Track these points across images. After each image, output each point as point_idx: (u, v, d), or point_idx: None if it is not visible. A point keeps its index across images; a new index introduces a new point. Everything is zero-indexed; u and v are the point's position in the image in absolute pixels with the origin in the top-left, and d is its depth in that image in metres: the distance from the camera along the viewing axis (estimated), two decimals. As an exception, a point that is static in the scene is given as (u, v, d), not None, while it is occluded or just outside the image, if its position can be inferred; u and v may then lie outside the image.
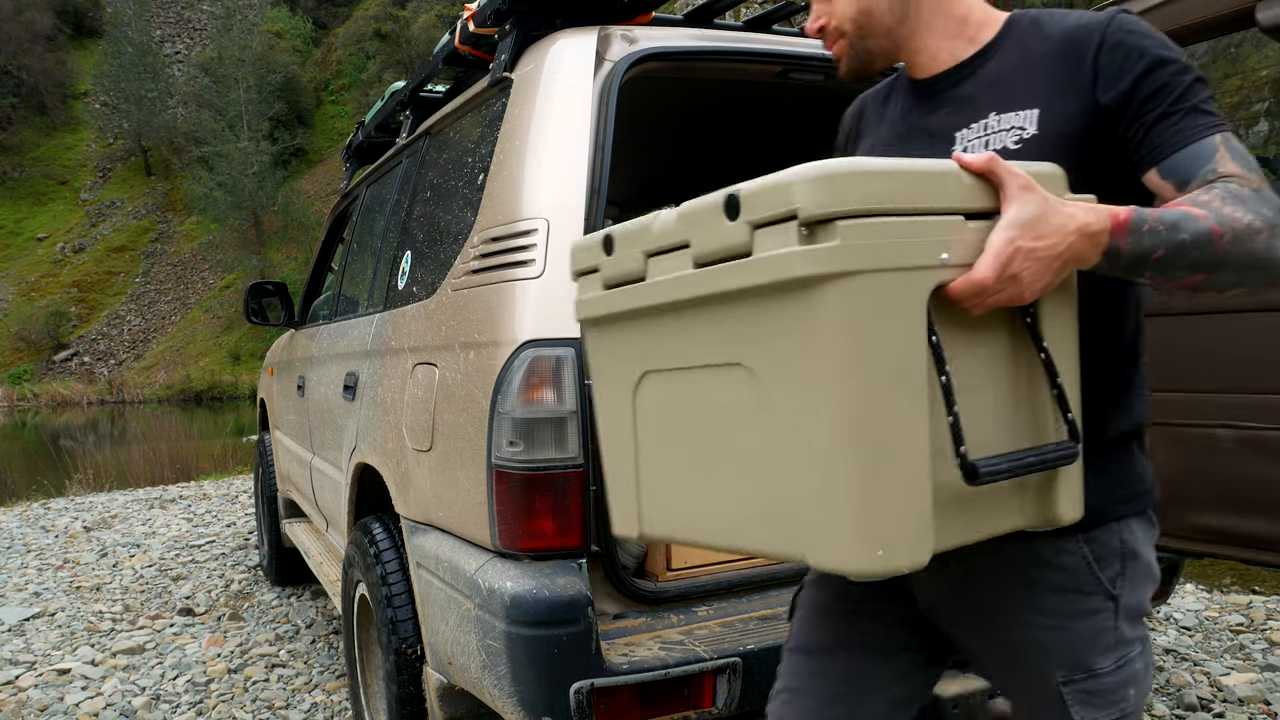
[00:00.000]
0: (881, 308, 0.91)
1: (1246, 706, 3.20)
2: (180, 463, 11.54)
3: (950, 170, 0.99)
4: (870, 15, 1.24)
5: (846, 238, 0.90)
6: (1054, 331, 1.06)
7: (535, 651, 1.82)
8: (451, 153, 2.64)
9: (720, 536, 1.07)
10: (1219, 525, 2.24)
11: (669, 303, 1.07)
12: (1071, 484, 1.09)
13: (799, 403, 0.93)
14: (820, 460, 0.92)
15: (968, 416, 0.98)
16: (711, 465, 1.06)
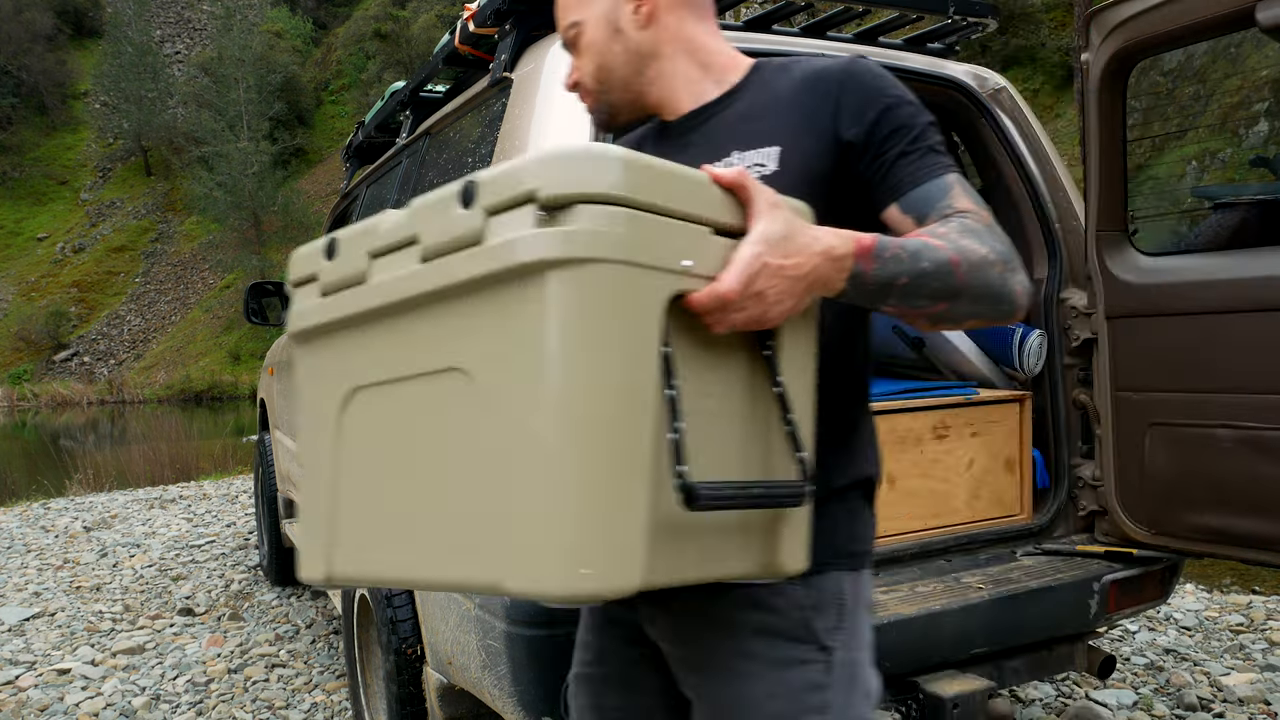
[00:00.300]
0: (614, 304, 0.84)
1: (1246, 706, 3.20)
2: (180, 463, 11.53)
3: (702, 179, 0.96)
4: (607, 71, 1.26)
5: (585, 223, 0.83)
6: (792, 366, 1.03)
7: (535, 651, 1.82)
8: (451, 153, 2.64)
9: (418, 570, 0.96)
10: (1219, 525, 2.24)
11: (385, 305, 0.97)
12: (797, 530, 1.05)
13: (514, 408, 0.85)
14: (531, 471, 0.84)
15: (695, 440, 0.91)
16: (416, 491, 0.95)
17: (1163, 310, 2.31)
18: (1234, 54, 12.78)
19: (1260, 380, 2.13)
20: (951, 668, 2.22)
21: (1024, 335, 2.57)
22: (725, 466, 0.96)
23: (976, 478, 2.53)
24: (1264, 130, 12.02)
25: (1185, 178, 11.96)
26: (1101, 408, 2.46)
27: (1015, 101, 2.69)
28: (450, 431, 0.91)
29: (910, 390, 2.53)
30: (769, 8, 2.62)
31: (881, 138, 1.11)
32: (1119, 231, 2.42)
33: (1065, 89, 16.52)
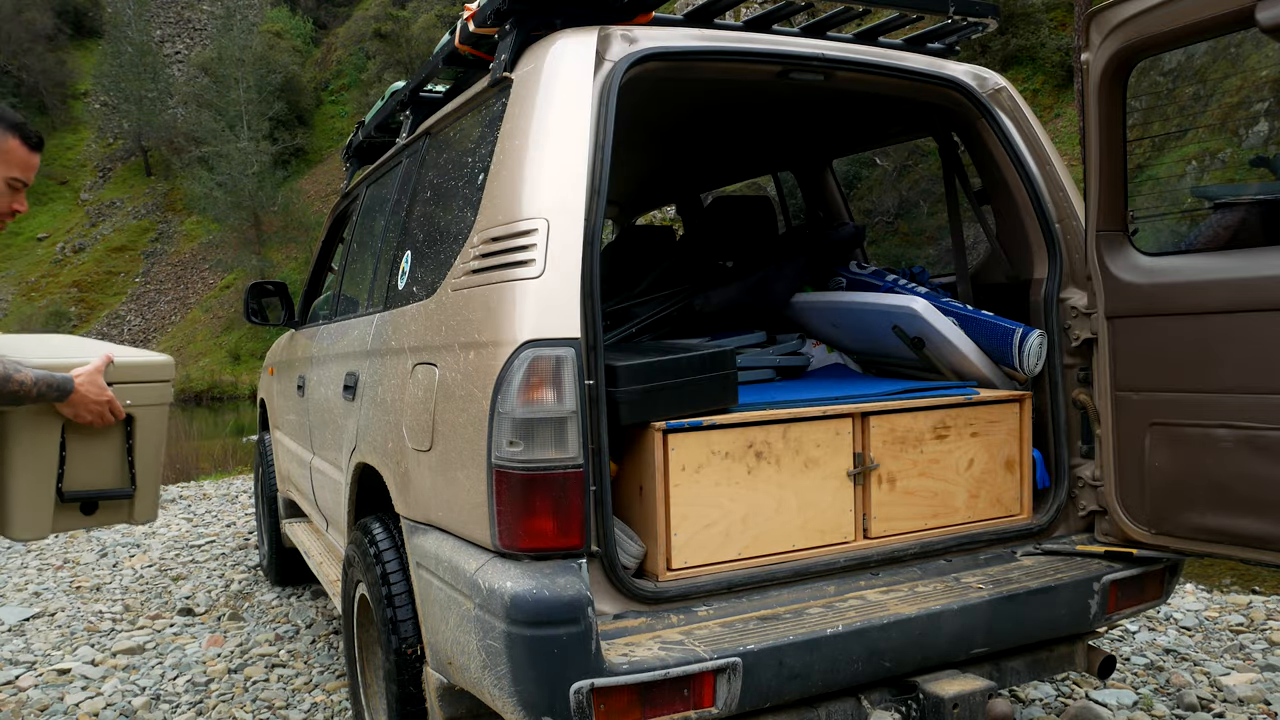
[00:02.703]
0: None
1: (1246, 706, 3.20)
2: (180, 463, 11.53)
3: None
4: None
5: None
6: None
7: (535, 651, 1.82)
8: (451, 153, 2.64)
9: None
10: (1219, 525, 2.24)
11: None
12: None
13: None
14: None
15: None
16: None
17: (1163, 310, 2.31)
18: (1234, 54, 12.77)
19: (1260, 380, 2.13)
20: (951, 668, 2.22)
21: (1024, 335, 2.57)
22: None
23: (976, 478, 2.54)
24: (1264, 130, 12.01)
25: (1185, 178, 11.95)
26: (1101, 408, 2.45)
27: (1015, 101, 2.69)
28: None
29: (910, 390, 2.53)
30: (769, 8, 2.62)
31: None
32: (1119, 231, 2.42)
33: (1065, 89, 16.52)
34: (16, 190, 2.34)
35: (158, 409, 2.58)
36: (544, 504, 1.89)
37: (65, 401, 2.33)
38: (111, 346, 2.68)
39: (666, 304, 3.21)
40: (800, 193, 4.31)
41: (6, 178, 2.29)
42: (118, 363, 2.48)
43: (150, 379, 2.56)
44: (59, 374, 2.31)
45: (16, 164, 2.30)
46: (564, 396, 1.90)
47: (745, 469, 2.23)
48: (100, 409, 2.37)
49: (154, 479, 2.60)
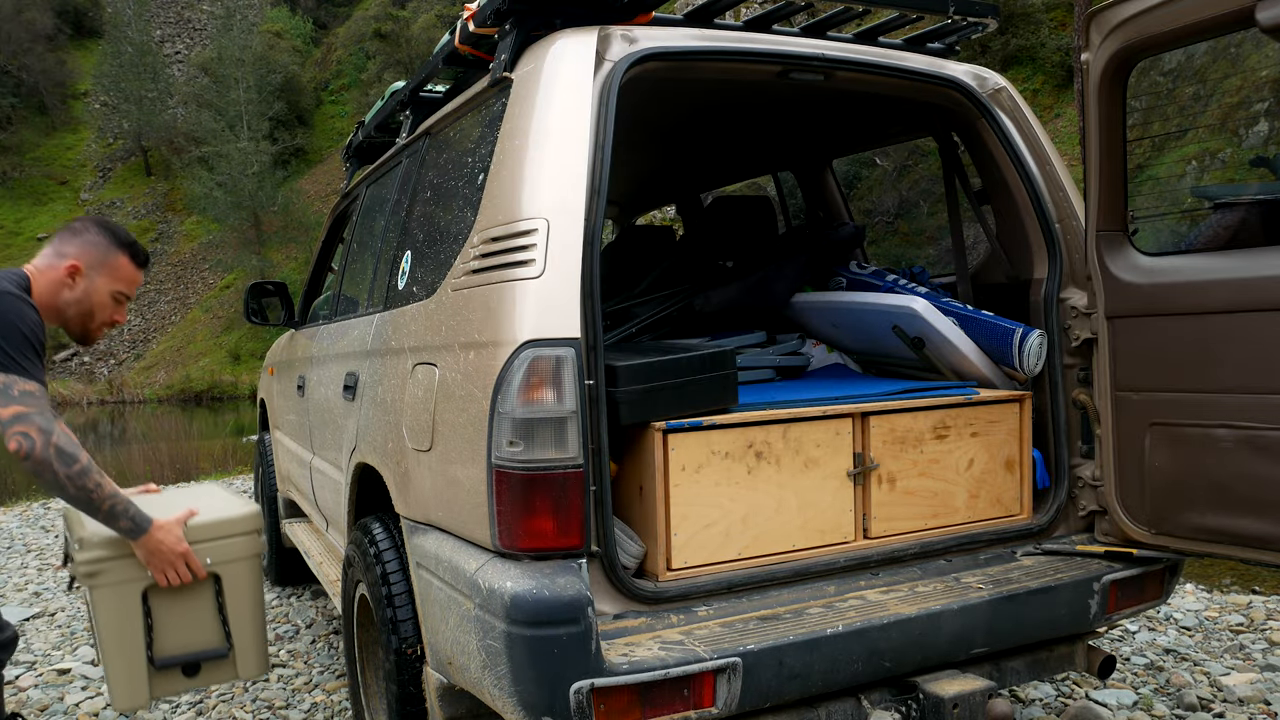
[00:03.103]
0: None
1: (1246, 706, 3.20)
2: (180, 463, 11.53)
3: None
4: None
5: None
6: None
7: (535, 651, 1.82)
8: (451, 153, 2.64)
9: None
10: (1219, 525, 2.24)
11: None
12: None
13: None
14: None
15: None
16: None
17: (1163, 310, 2.31)
18: (1234, 54, 12.77)
19: (1260, 380, 2.13)
20: (951, 668, 2.22)
21: (1024, 335, 2.57)
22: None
23: (976, 478, 2.53)
24: (1264, 130, 12.01)
25: (1185, 178, 11.95)
26: (1101, 408, 2.45)
27: (1015, 101, 2.69)
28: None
29: (910, 390, 2.53)
30: (769, 8, 2.62)
31: None
32: (1119, 231, 2.42)
33: (1065, 89, 16.51)
34: (119, 303, 2.50)
35: (246, 562, 2.51)
36: (544, 504, 1.89)
37: (138, 543, 2.30)
38: (203, 494, 2.67)
39: (666, 304, 3.21)
40: (800, 193, 4.31)
41: (113, 291, 2.47)
42: (195, 524, 2.42)
43: (233, 534, 2.49)
44: (142, 512, 2.29)
45: (123, 279, 2.48)
46: (564, 396, 1.90)
47: (745, 469, 2.23)
48: (174, 561, 2.34)
49: (254, 632, 2.53)
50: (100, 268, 2.44)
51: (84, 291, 2.42)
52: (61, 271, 2.39)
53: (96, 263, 2.44)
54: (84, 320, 2.45)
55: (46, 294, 2.38)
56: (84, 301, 2.43)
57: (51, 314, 2.39)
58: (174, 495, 2.74)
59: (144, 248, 2.54)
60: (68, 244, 2.44)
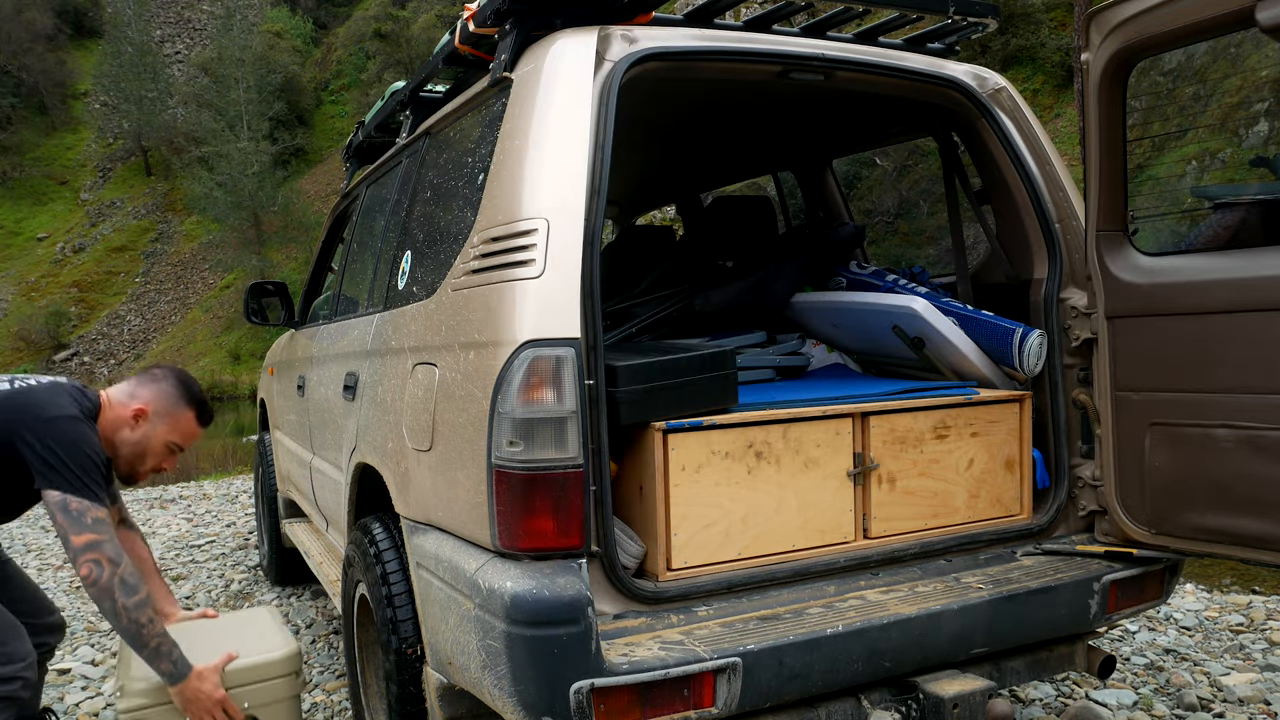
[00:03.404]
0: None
1: (1246, 706, 3.20)
2: (180, 462, 11.51)
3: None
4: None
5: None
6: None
7: (535, 651, 1.82)
8: (451, 153, 2.64)
9: None
10: (1219, 525, 2.24)
11: None
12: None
13: None
14: None
15: None
16: None
17: (1163, 310, 2.31)
18: (1234, 54, 12.77)
19: (1260, 380, 2.13)
20: (951, 668, 2.22)
21: (1024, 335, 2.57)
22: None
23: (976, 478, 2.53)
24: (1264, 130, 12.01)
25: (1185, 178, 11.95)
26: (1101, 408, 2.45)
27: (1015, 101, 2.69)
28: None
29: (910, 390, 2.53)
30: (769, 8, 2.62)
31: None
32: (1119, 231, 2.42)
33: (1065, 89, 16.51)
34: (172, 453, 2.62)
35: (284, 703, 2.55)
36: (544, 504, 1.89)
37: (176, 690, 2.35)
38: (250, 624, 2.71)
39: (666, 304, 3.21)
40: (800, 193, 4.30)
41: (169, 441, 2.59)
42: (234, 669, 2.45)
43: (272, 676, 2.52)
44: (184, 658, 2.35)
45: (183, 433, 2.61)
46: (564, 396, 1.90)
47: (745, 469, 2.23)
48: (212, 709, 2.37)
49: None
50: (165, 417, 2.58)
51: (144, 435, 2.56)
52: (129, 412, 2.54)
53: (164, 412, 2.58)
54: (134, 461, 2.59)
55: (109, 426, 2.52)
56: (140, 444, 2.56)
57: (108, 444, 2.50)
58: (225, 624, 2.79)
59: (211, 409, 2.67)
60: (144, 387, 2.60)
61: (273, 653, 2.56)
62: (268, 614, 2.88)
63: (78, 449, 2.30)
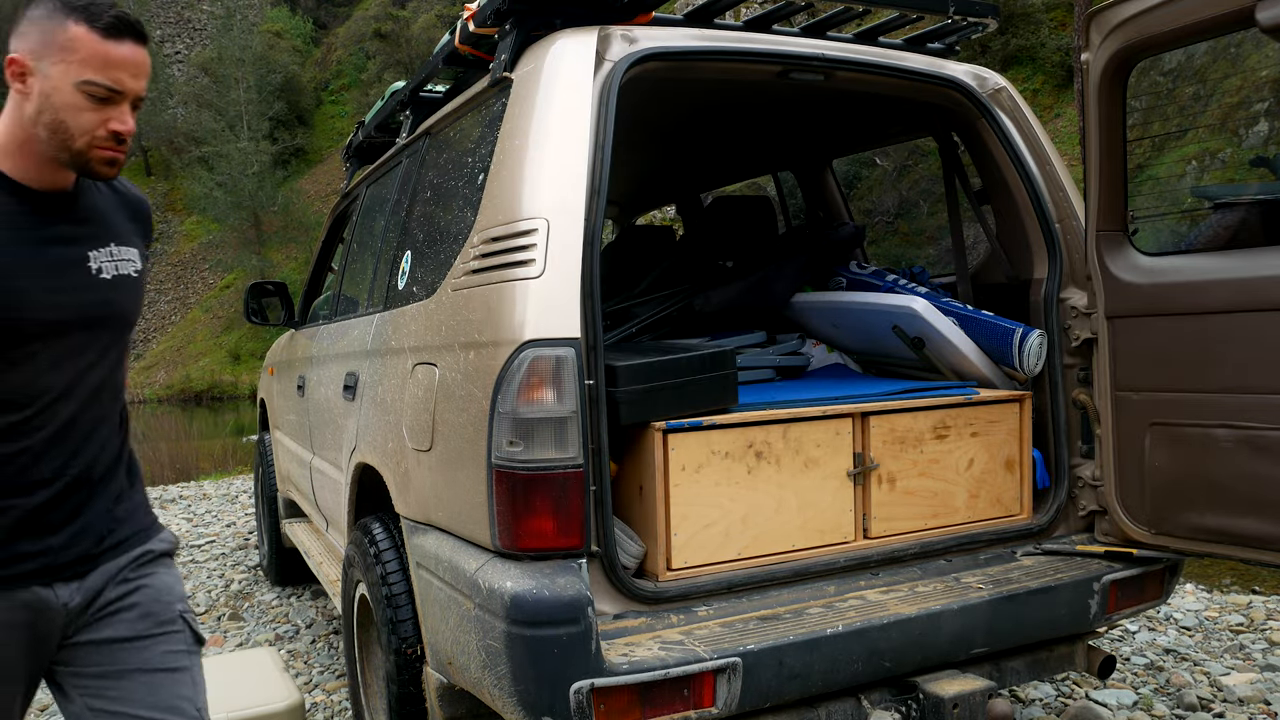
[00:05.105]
0: None
1: (1246, 706, 3.20)
2: (180, 463, 11.54)
3: None
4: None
5: None
6: None
7: (535, 651, 1.82)
8: (451, 153, 2.64)
9: None
10: (1219, 525, 2.24)
11: None
12: None
13: None
14: None
15: None
16: None
17: (1163, 310, 2.31)
18: (1234, 54, 12.78)
19: (1260, 380, 2.13)
20: (951, 668, 2.22)
21: (1024, 335, 2.57)
22: None
23: (976, 478, 2.53)
24: (1264, 130, 12.02)
25: (1185, 178, 11.95)
26: (1101, 408, 2.45)
27: (1015, 101, 2.69)
28: None
29: (910, 390, 2.53)
30: (769, 8, 2.62)
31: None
32: (1119, 231, 2.42)
33: (1065, 89, 16.51)
34: (106, 102, 1.54)
35: None
36: (544, 504, 1.89)
37: None
38: (252, 668, 2.53)
39: (666, 304, 3.21)
40: (800, 193, 4.30)
41: (76, 83, 1.53)
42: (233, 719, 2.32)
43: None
44: None
45: (85, 60, 1.54)
46: (564, 396, 1.90)
47: (745, 469, 2.23)
48: None
49: None
50: (50, 51, 1.55)
51: (41, 95, 1.54)
52: (7, 75, 1.57)
53: (44, 45, 1.55)
54: (61, 139, 1.54)
55: (9, 134, 1.56)
56: (45, 109, 1.53)
57: (28, 152, 1.56)
58: (224, 665, 2.64)
59: (112, 7, 1.58)
60: (12, 40, 1.60)
61: (274, 704, 2.44)
62: (269, 657, 2.74)
63: None
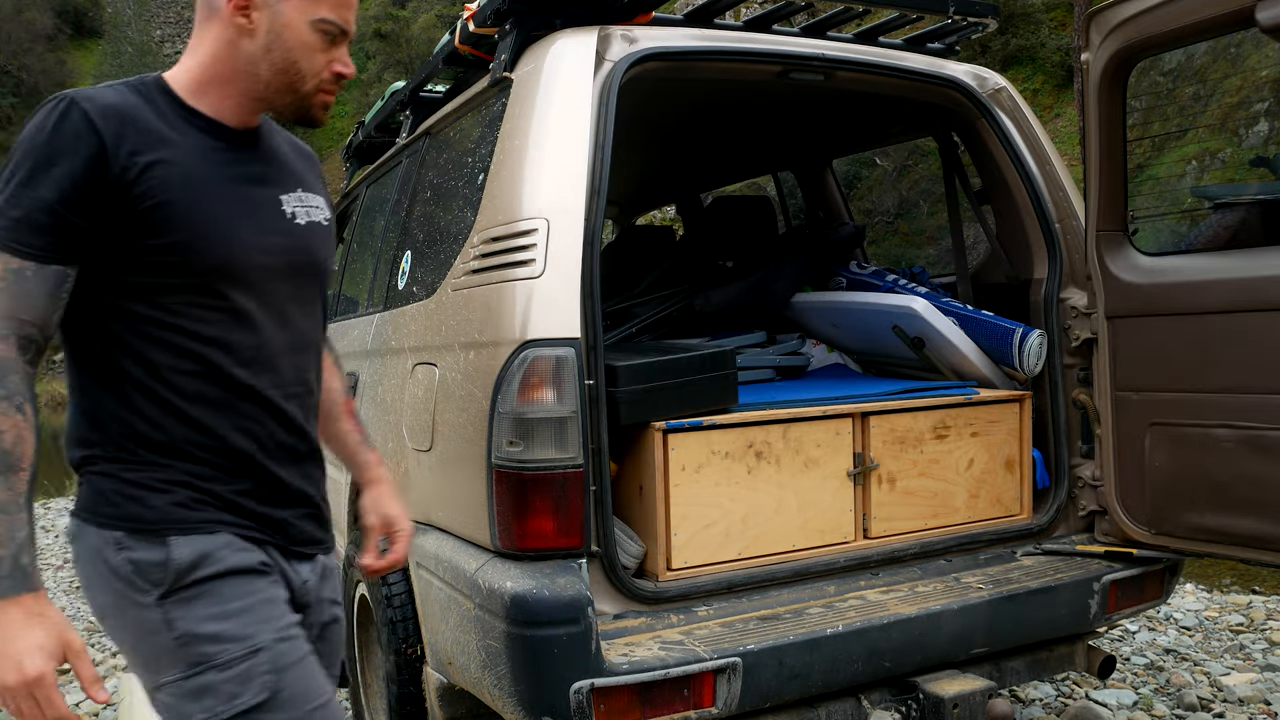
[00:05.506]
0: None
1: (1246, 706, 3.20)
2: (180, 463, 11.50)
3: None
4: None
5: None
6: None
7: (535, 651, 1.82)
8: (451, 153, 2.64)
9: None
10: (1219, 525, 2.24)
11: None
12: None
13: None
14: None
15: None
16: None
17: (1163, 310, 2.31)
18: (1234, 54, 12.78)
19: (1260, 380, 2.13)
20: (951, 668, 2.22)
21: (1024, 335, 2.57)
22: None
23: (976, 478, 2.53)
24: (1264, 130, 12.02)
25: (1185, 178, 11.95)
26: (1101, 408, 2.45)
27: (1015, 101, 2.69)
28: None
29: (910, 390, 2.53)
30: (769, 8, 2.62)
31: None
32: (1119, 231, 2.42)
33: (1065, 89, 16.50)
34: (333, 42, 1.41)
35: None
36: (544, 504, 1.89)
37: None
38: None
39: (666, 304, 3.21)
40: (800, 193, 4.30)
41: (314, 21, 1.38)
42: None
43: None
44: (23, 569, 1.19)
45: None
46: (564, 396, 1.90)
47: (745, 469, 2.23)
48: (15, 688, 1.17)
49: None
50: None
51: (269, 33, 1.37)
52: (226, 12, 1.36)
53: None
54: (288, 80, 1.39)
55: (209, 69, 1.39)
56: (274, 48, 1.37)
57: (230, 90, 1.39)
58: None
59: None
60: None
61: None
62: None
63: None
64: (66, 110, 1.27)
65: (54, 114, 1.27)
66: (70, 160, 1.24)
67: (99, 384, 1.33)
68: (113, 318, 1.31)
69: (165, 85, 1.38)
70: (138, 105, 1.32)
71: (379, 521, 1.66)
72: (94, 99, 1.29)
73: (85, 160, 1.25)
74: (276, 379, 1.40)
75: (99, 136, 1.26)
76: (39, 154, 1.25)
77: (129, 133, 1.29)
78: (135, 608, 1.30)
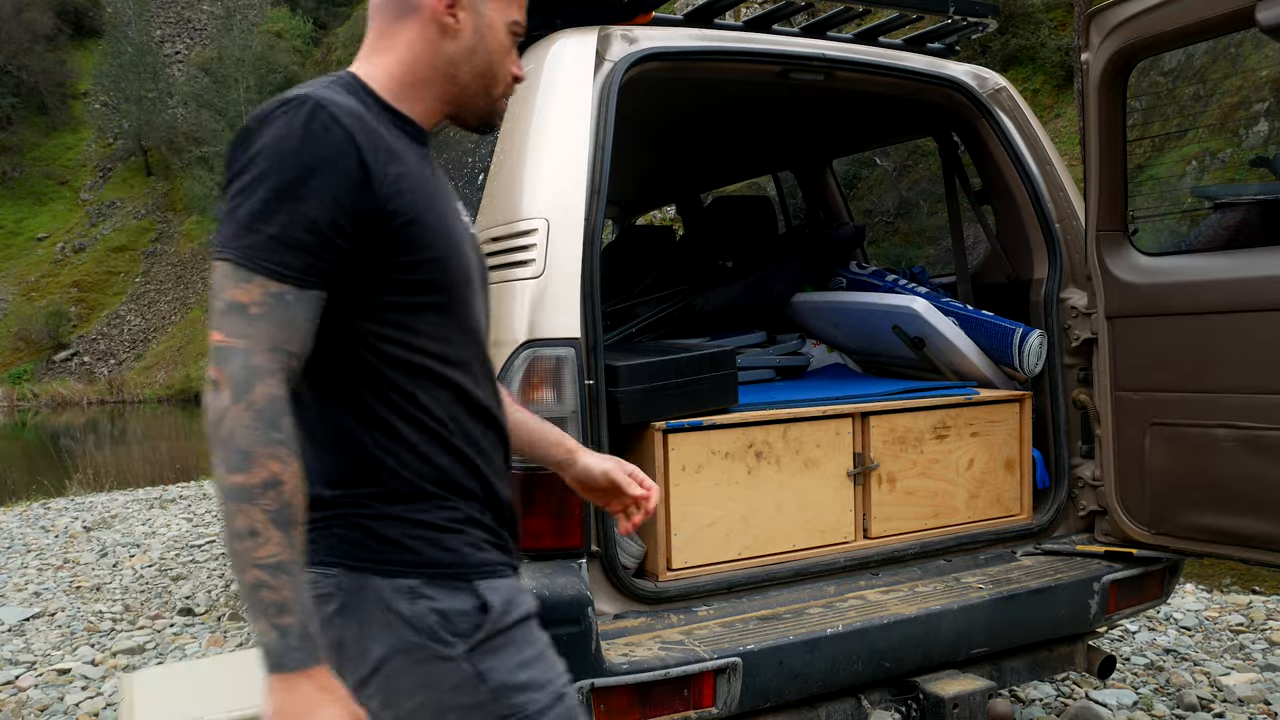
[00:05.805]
0: None
1: (1246, 706, 3.20)
2: (180, 463, 11.53)
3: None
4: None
5: None
6: None
7: (535, 651, 1.82)
8: (451, 153, 2.64)
9: None
10: (1219, 525, 2.24)
11: None
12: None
13: None
14: None
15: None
16: None
17: (1163, 310, 2.31)
18: (1234, 54, 12.77)
19: (1260, 380, 2.13)
20: (951, 668, 2.22)
21: (1024, 335, 2.57)
22: None
23: (976, 478, 2.53)
24: (1264, 130, 12.02)
25: (1185, 178, 11.95)
26: (1101, 408, 2.45)
27: (1015, 101, 2.69)
28: None
29: (910, 390, 2.53)
30: (769, 8, 2.62)
31: None
32: (1119, 231, 2.42)
33: (1065, 89, 16.50)
34: (515, 44, 1.40)
35: None
36: (544, 504, 1.89)
37: (273, 679, 1.31)
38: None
39: (666, 304, 3.21)
40: (800, 193, 4.30)
41: (509, 22, 1.35)
42: None
43: None
44: (309, 638, 1.17)
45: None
46: (564, 396, 1.90)
47: (745, 469, 2.23)
48: None
49: None
50: None
51: (474, 32, 1.31)
52: (430, 11, 1.27)
53: None
54: (485, 84, 1.35)
55: (410, 71, 1.29)
56: (479, 50, 1.32)
57: (425, 94, 1.31)
58: (228, 660, 2.45)
59: None
60: None
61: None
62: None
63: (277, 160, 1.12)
64: (313, 112, 1.12)
65: (298, 116, 1.11)
66: (331, 172, 1.11)
67: (353, 416, 1.19)
68: (359, 344, 1.18)
69: (370, 87, 1.25)
70: (363, 110, 1.19)
71: (622, 473, 1.52)
72: (334, 101, 1.15)
73: (347, 173, 1.12)
74: (494, 395, 1.31)
75: (355, 145, 1.13)
76: (290, 163, 1.09)
77: (373, 142, 1.16)
78: (435, 661, 1.17)
